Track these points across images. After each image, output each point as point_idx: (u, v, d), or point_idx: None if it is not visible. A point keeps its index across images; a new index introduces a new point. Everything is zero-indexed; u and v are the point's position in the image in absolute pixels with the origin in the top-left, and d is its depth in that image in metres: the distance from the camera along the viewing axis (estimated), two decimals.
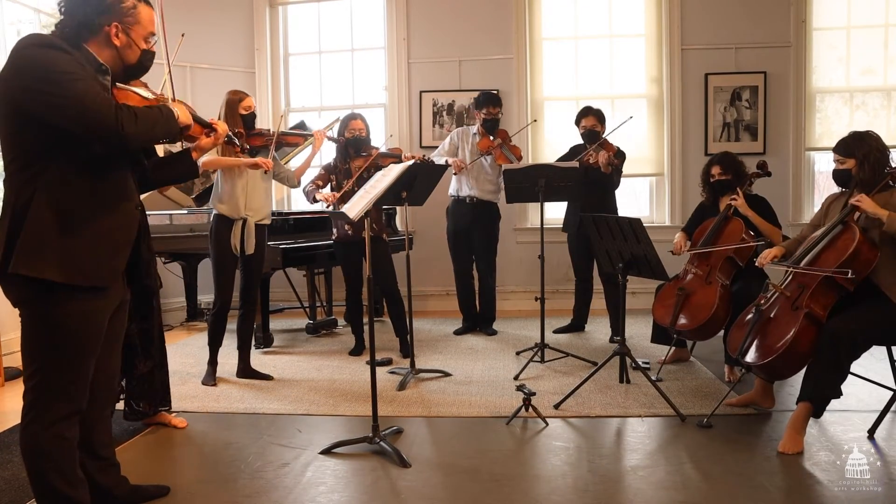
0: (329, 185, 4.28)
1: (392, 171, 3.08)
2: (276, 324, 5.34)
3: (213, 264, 3.71)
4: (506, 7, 5.89)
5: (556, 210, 5.33)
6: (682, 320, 3.40)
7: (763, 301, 2.91)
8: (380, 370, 3.54)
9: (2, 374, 3.94)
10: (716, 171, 3.67)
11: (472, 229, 4.84)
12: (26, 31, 1.90)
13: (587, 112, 4.62)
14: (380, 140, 5.24)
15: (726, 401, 3.09)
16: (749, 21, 5.70)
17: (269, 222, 3.86)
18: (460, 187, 4.82)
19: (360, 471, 2.59)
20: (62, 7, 1.86)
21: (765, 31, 5.70)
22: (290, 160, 5.22)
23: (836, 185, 2.98)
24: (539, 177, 4.03)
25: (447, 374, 3.85)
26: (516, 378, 3.72)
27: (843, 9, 5.70)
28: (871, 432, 2.81)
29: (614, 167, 4.45)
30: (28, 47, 1.75)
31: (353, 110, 4.47)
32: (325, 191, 4.21)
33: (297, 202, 6.49)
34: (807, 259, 2.81)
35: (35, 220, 1.77)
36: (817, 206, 3.29)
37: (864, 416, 2.98)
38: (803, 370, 2.72)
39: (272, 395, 3.56)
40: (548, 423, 3.03)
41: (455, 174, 4.76)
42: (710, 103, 5.78)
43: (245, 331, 3.85)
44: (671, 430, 2.95)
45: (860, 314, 2.65)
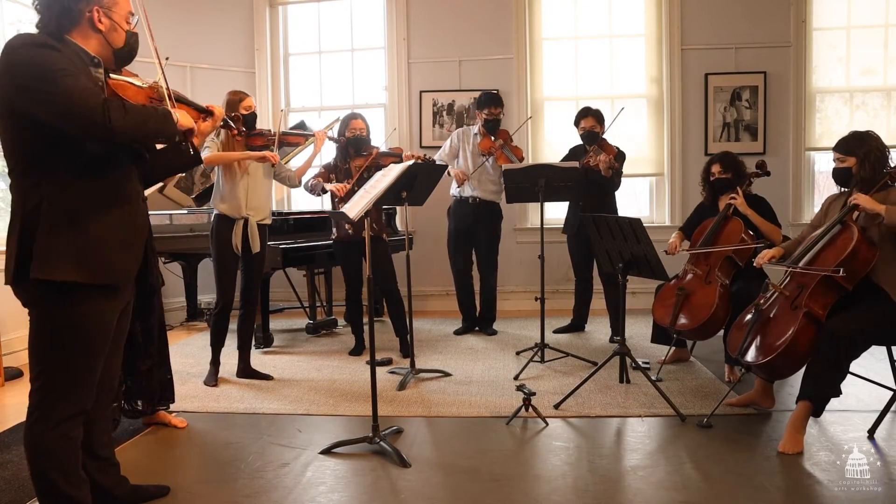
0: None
1: (392, 171, 3.08)
2: (276, 324, 5.34)
3: (214, 264, 3.71)
4: (506, 7, 5.89)
5: (556, 210, 5.33)
6: (681, 320, 3.40)
7: (762, 301, 2.92)
8: (380, 370, 3.54)
9: (2, 374, 3.94)
10: (716, 169, 3.69)
11: (475, 229, 4.84)
12: (26, 31, 1.89)
13: (586, 113, 4.62)
14: (380, 140, 5.24)
15: (726, 401, 3.09)
16: (749, 21, 5.71)
17: (269, 222, 3.87)
18: (463, 188, 4.82)
19: (360, 471, 2.59)
20: (37, 5, 1.84)
21: (765, 31, 5.70)
22: (290, 160, 5.21)
23: (836, 185, 2.99)
24: (539, 177, 4.03)
25: (447, 374, 3.85)
26: (516, 378, 3.72)
27: (843, 9, 5.70)
28: (871, 432, 2.81)
29: (615, 170, 4.45)
30: (20, 47, 1.74)
31: (353, 110, 4.47)
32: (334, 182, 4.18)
33: (297, 202, 6.49)
34: (806, 259, 2.82)
35: (48, 226, 1.77)
36: (817, 206, 3.30)
37: (864, 416, 2.99)
38: (803, 370, 2.73)
39: (272, 395, 3.56)
40: (548, 423, 3.03)
41: (459, 186, 4.75)
42: (710, 103, 5.78)
43: (245, 331, 3.85)
44: (671, 430, 2.95)
45: (860, 313, 2.65)
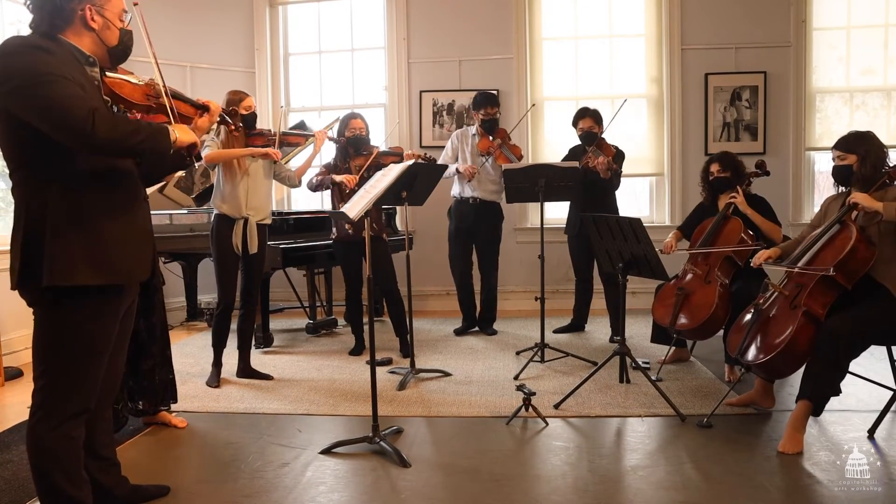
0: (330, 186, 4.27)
1: (392, 171, 3.08)
2: (276, 324, 5.34)
3: (215, 264, 3.71)
4: (506, 7, 5.89)
5: (556, 210, 5.33)
6: (681, 320, 3.40)
7: (762, 301, 2.92)
8: (380, 370, 3.54)
9: (2, 374, 3.94)
10: (715, 168, 3.71)
11: (475, 229, 4.83)
12: (26, 32, 1.88)
13: (584, 113, 4.61)
14: (380, 139, 5.24)
15: (726, 401, 3.09)
16: (749, 21, 5.70)
17: (269, 222, 3.87)
18: (463, 188, 4.81)
19: (360, 471, 2.59)
20: (29, 5, 1.83)
21: (765, 31, 5.70)
22: (290, 160, 5.22)
23: (836, 183, 2.99)
24: (539, 177, 4.03)
25: (447, 374, 3.85)
26: (516, 378, 3.72)
27: (843, 9, 5.70)
28: (871, 432, 2.81)
29: (613, 172, 4.45)
30: (11, 50, 1.73)
31: (353, 110, 4.47)
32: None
33: (297, 202, 6.49)
34: (805, 259, 2.83)
35: (55, 232, 1.77)
36: (817, 206, 3.30)
37: (864, 416, 2.99)
38: (803, 369, 2.73)
39: (272, 395, 3.56)
40: (548, 423, 3.03)
41: (468, 181, 4.73)
42: (710, 103, 5.78)
43: (245, 330, 3.85)
44: (671, 430, 2.95)
45: (859, 313, 2.66)
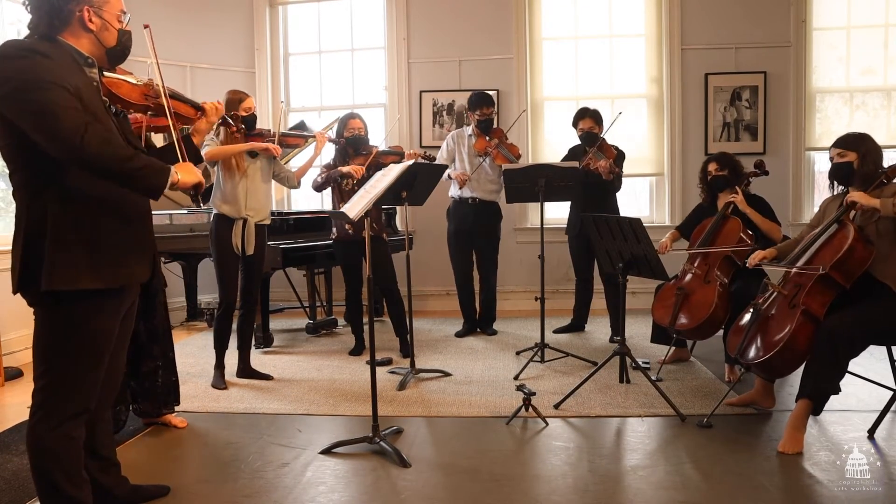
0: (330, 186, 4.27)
1: (392, 171, 3.08)
2: (276, 324, 5.34)
3: (215, 265, 3.71)
4: (506, 7, 5.89)
5: (556, 210, 5.33)
6: (681, 320, 3.40)
7: (761, 301, 2.93)
8: (380, 370, 3.54)
9: (2, 374, 3.94)
10: (712, 167, 3.74)
11: (475, 230, 4.82)
12: (26, 32, 1.88)
13: (584, 114, 4.60)
14: (380, 139, 5.23)
15: (726, 400, 3.09)
16: (749, 21, 5.70)
17: (269, 222, 3.87)
18: (462, 189, 4.81)
19: (360, 471, 2.59)
20: (28, 5, 1.83)
21: (765, 31, 5.70)
22: (290, 160, 5.22)
23: (835, 182, 3.00)
24: (539, 177, 4.03)
25: (447, 374, 3.85)
26: (516, 378, 3.72)
27: (843, 9, 5.70)
28: (871, 432, 2.81)
29: (616, 175, 4.44)
30: (8, 53, 1.72)
31: (353, 110, 4.47)
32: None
33: (297, 202, 6.49)
34: (803, 258, 2.84)
35: (56, 235, 1.77)
36: (817, 206, 3.30)
37: (864, 416, 2.99)
38: (803, 369, 2.73)
39: (272, 395, 3.56)
40: (548, 423, 3.03)
41: (460, 188, 4.72)
42: (710, 103, 5.78)
43: (245, 331, 3.84)
44: (671, 430, 2.95)
45: (858, 312, 2.67)
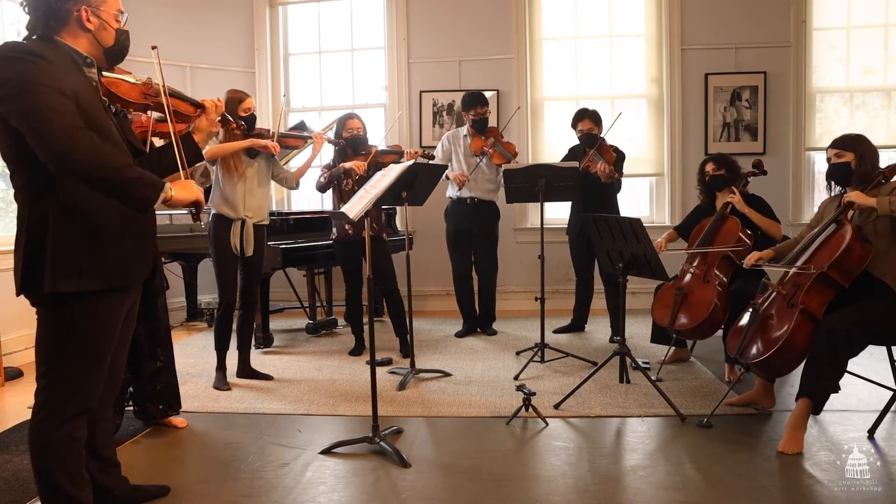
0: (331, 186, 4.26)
1: (392, 171, 3.07)
2: (276, 324, 5.34)
3: (214, 265, 3.70)
4: (506, 7, 5.89)
5: (556, 210, 5.33)
6: (681, 319, 3.40)
7: (760, 300, 2.93)
8: (380, 370, 3.54)
9: (2, 374, 3.94)
10: (710, 168, 3.77)
11: (473, 230, 4.82)
12: (25, 33, 1.88)
13: (582, 115, 4.59)
14: (379, 139, 5.23)
15: (726, 400, 3.09)
16: (749, 21, 5.70)
17: (267, 222, 3.86)
18: (460, 189, 4.81)
19: (360, 471, 2.59)
20: (25, 6, 1.83)
21: (765, 31, 5.70)
22: (289, 160, 5.22)
23: (833, 182, 3.03)
24: (539, 177, 4.03)
25: (447, 374, 3.85)
26: (516, 378, 3.72)
27: (843, 9, 5.70)
28: (871, 432, 2.81)
29: (615, 180, 4.43)
30: (13, 55, 1.72)
31: (353, 110, 4.47)
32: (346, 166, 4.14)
33: (298, 202, 6.49)
34: (802, 259, 2.85)
35: (58, 236, 1.77)
36: (817, 205, 3.31)
37: (864, 416, 2.99)
38: (802, 368, 2.73)
39: (272, 395, 3.56)
40: (548, 423, 3.03)
41: (459, 189, 4.72)
42: (710, 103, 5.78)
43: (245, 331, 3.84)
44: (671, 430, 2.95)
45: (858, 310, 2.67)
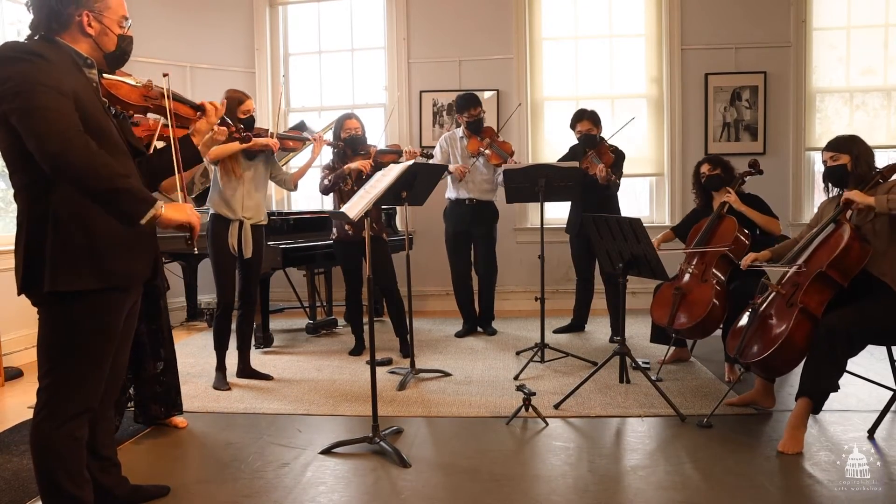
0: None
1: (392, 171, 3.07)
2: (276, 324, 5.34)
3: (212, 265, 3.70)
4: (506, 7, 5.89)
5: (556, 210, 5.33)
6: (679, 319, 3.40)
7: (759, 300, 2.93)
8: (380, 370, 3.54)
9: (2, 374, 3.94)
10: (705, 168, 3.80)
11: (472, 230, 4.82)
12: (27, 32, 1.88)
13: (581, 116, 4.58)
14: (379, 139, 5.23)
15: (726, 400, 3.09)
16: (749, 21, 5.71)
17: (265, 223, 3.86)
18: (458, 190, 4.79)
19: (360, 471, 2.59)
20: (30, 5, 1.83)
21: (765, 31, 5.70)
22: (288, 161, 5.22)
23: (830, 184, 3.02)
24: (539, 177, 4.03)
25: (447, 374, 3.85)
26: (516, 378, 3.72)
27: (843, 9, 5.70)
28: (871, 432, 2.81)
29: (612, 182, 4.42)
30: (13, 55, 1.71)
31: (353, 110, 4.47)
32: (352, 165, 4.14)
33: (297, 202, 6.49)
34: (801, 258, 2.86)
35: (58, 236, 1.77)
36: (817, 205, 3.32)
37: (864, 416, 2.99)
38: (802, 368, 2.73)
39: (272, 395, 3.56)
40: (548, 423, 3.03)
41: (459, 181, 4.72)
42: (710, 103, 5.78)
43: (244, 331, 3.84)
44: (671, 430, 2.95)
45: (857, 309, 2.67)
